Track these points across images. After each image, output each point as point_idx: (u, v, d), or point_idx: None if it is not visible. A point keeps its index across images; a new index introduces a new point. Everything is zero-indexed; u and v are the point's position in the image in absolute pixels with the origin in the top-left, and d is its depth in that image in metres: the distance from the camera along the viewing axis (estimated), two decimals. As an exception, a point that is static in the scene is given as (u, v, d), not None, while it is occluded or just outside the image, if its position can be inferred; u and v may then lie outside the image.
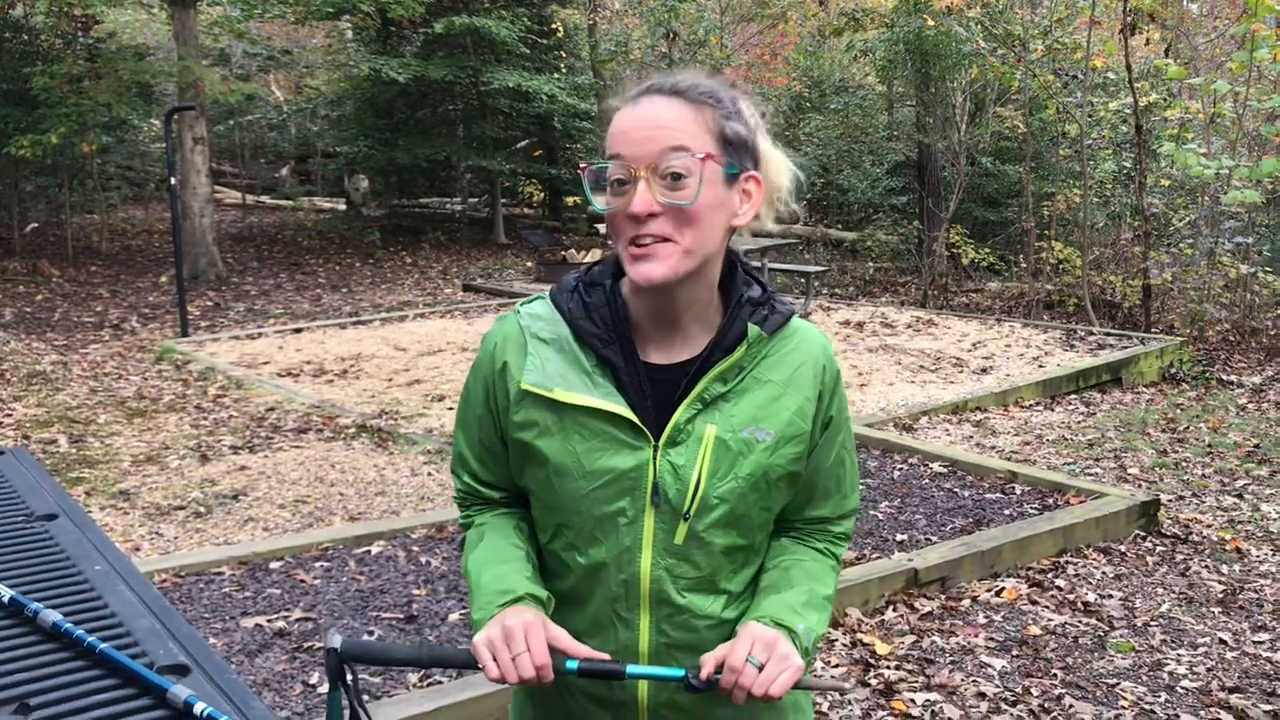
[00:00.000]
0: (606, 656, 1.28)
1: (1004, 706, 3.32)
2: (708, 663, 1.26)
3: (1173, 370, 8.38)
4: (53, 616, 1.24)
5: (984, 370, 8.07)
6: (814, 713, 3.26)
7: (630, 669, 1.27)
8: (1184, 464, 6.04)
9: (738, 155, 1.27)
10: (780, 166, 1.35)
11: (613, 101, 1.31)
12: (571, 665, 1.26)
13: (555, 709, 1.43)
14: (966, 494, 5.28)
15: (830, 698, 3.35)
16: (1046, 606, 4.06)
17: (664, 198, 1.21)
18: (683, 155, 1.21)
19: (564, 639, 1.27)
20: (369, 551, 4.43)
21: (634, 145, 1.22)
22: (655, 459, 1.28)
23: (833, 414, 1.37)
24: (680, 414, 1.28)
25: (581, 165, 1.28)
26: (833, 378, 1.37)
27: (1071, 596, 4.15)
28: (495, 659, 1.24)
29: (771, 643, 1.24)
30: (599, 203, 1.25)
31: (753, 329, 1.30)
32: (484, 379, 1.38)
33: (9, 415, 6.86)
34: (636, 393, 1.29)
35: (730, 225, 1.28)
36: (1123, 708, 3.33)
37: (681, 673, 1.26)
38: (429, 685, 3.31)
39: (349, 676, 1.33)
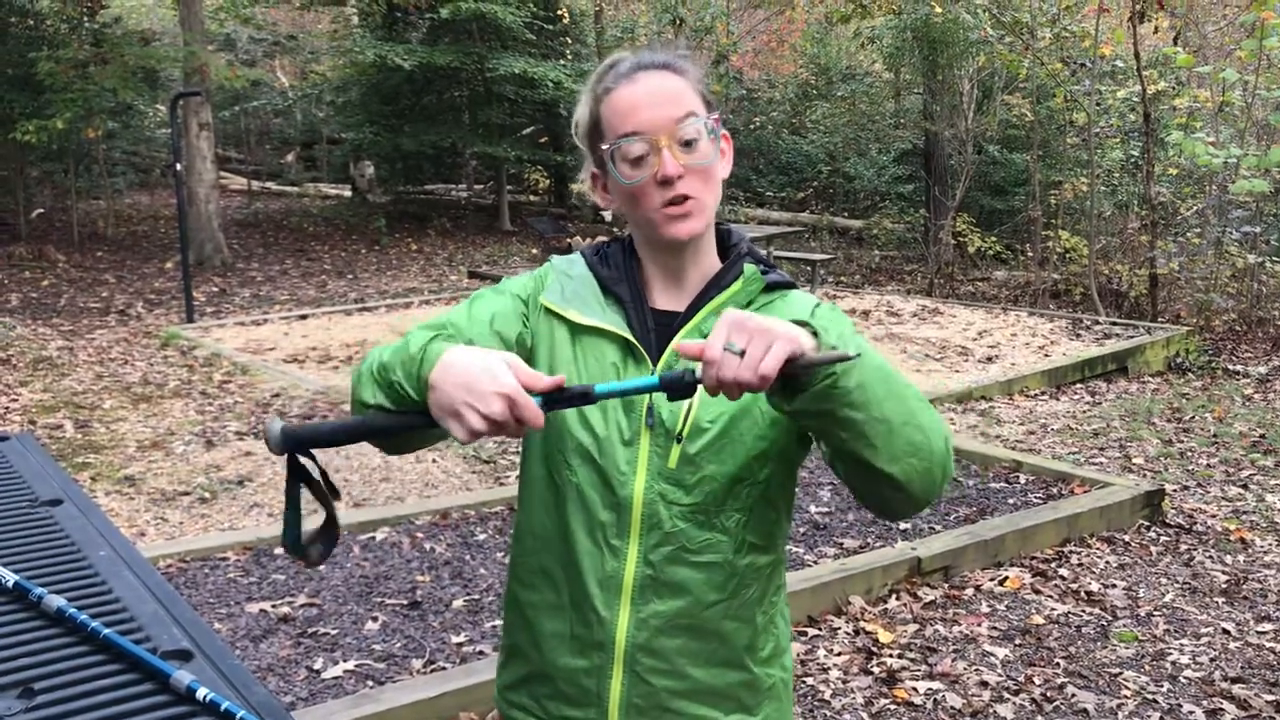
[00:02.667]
0: (562, 378, 1.17)
1: (1006, 695, 3.33)
2: (684, 360, 1.18)
3: (1179, 360, 8.36)
4: (57, 602, 1.25)
5: (989, 359, 8.05)
6: (816, 700, 3.27)
7: (599, 388, 1.16)
8: (1189, 454, 6.03)
9: (714, 114, 1.37)
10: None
11: (604, 85, 1.36)
12: (536, 400, 1.14)
13: (535, 661, 1.41)
14: (971, 483, 5.28)
15: (834, 684, 3.36)
16: (1050, 596, 4.06)
17: (685, 160, 1.30)
18: (696, 120, 1.31)
19: (522, 371, 1.16)
20: (373, 538, 4.44)
21: (648, 118, 1.30)
22: None
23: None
24: (677, 341, 1.34)
25: (604, 146, 1.34)
26: (826, 317, 1.34)
27: (1075, 586, 4.15)
28: (461, 412, 1.14)
29: (744, 320, 1.08)
30: (627, 178, 1.32)
31: (748, 267, 1.38)
32: (531, 279, 1.45)
33: (15, 400, 6.88)
34: (640, 326, 1.36)
35: (719, 191, 1.39)
36: (1125, 697, 3.33)
37: (655, 380, 1.14)
38: (433, 671, 3.32)
39: (305, 465, 1.24)
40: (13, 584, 1.29)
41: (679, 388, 1.14)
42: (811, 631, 3.70)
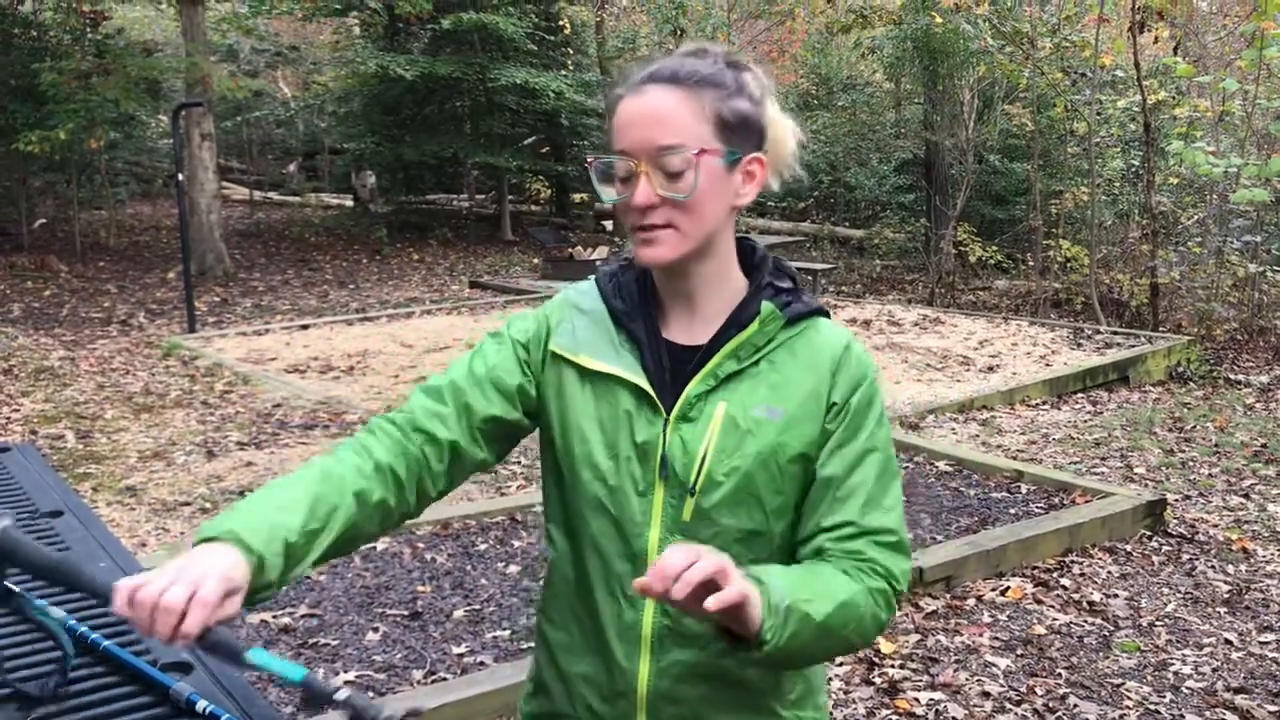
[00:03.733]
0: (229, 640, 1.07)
1: (1008, 706, 3.32)
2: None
3: (1180, 369, 8.36)
4: (57, 613, 1.25)
5: (990, 369, 8.05)
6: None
7: (251, 655, 1.06)
8: (1190, 463, 6.02)
9: (740, 137, 1.28)
10: (786, 132, 1.35)
11: (618, 89, 1.32)
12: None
13: (559, 699, 1.41)
14: (972, 493, 5.27)
15: (835, 695, 3.35)
16: (1051, 606, 4.06)
17: (663, 190, 1.25)
18: (679, 152, 1.24)
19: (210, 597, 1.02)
20: (374, 548, 4.44)
21: (634, 140, 1.26)
22: (666, 432, 1.29)
23: (850, 402, 1.30)
24: (692, 388, 1.29)
25: (589, 159, 1.32)
26: (854, 370, 1.32)
27: (1077, 596, 4.14)
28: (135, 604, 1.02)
29: (696, 550, 1.08)
30: (608, 194, 1.30)
31: (766, 305, 1.31)
32: (535, 321, 1.40)
33: (17, 411, 6.88)
34: (656, 367, 1.32)
35: (733, 205, 1.31)
36: (1127, 708, 3.32)
37: (300, 675, 1.07)
38: (434, 682, 3.32)
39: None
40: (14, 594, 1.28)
41: (313, 698, 1.06)
42: (813, 642, 3.69)
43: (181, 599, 0.99)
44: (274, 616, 3.77)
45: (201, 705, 1.12)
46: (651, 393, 1.30)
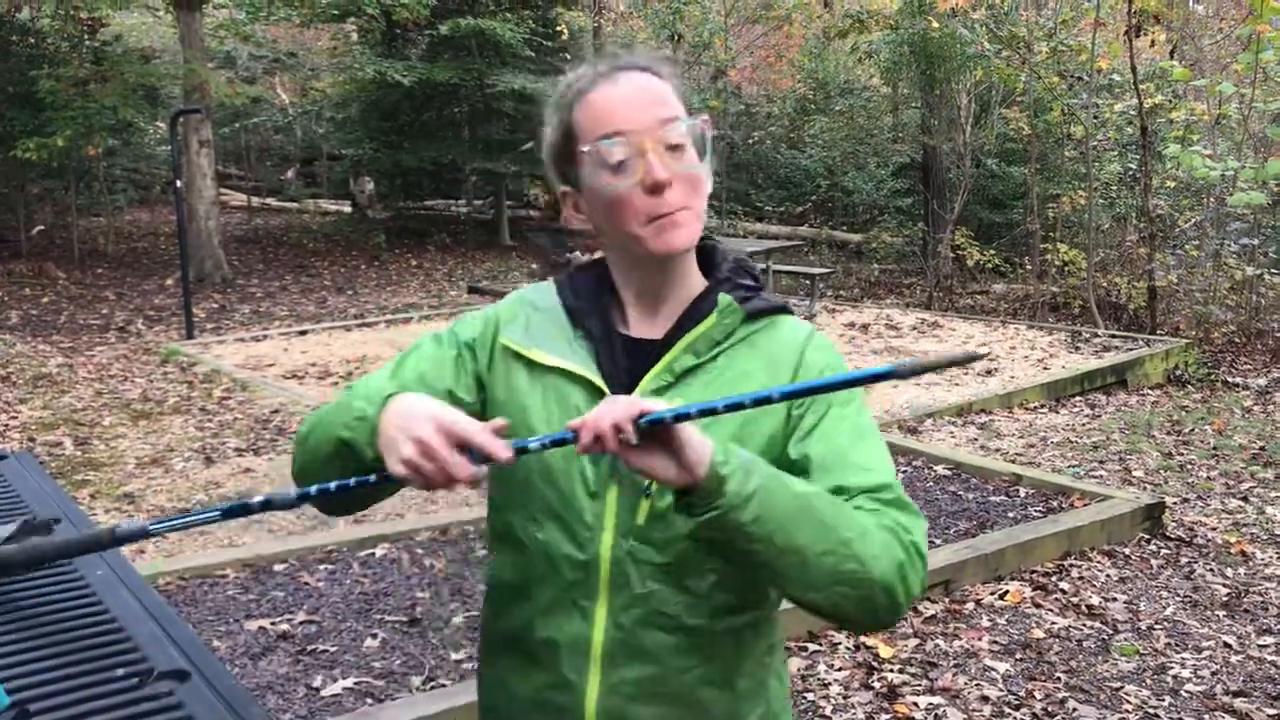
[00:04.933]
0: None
1: (1007, 710, 3.32)
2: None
3: (1178, 372, 8.36)
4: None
5: (989, 372, 8.06)
6: (817, 716, 3.26)
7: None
8: (1189, 466, 6.02)
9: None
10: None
11: (573, 89, 1.25)
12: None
13: (504, 714, 1.34)
14: (970, 496, 5.27)
15: (834, 700, 3.35)
16: (1050, 610, 4.06)
17: (673, 166, 1.19)
18: (682, 124, 1.21)
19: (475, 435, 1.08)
20: (373, 554, 4.44)
21: (633, 119, 1.19)
22: None
23: (803, 409, 1.24)
24: (645, 384, 1.23)
25: (583, 149, 1.21)
26: (819, 360, 1.27)
27: (1075, 599, 4.14)
28: (396, 440, 1.10)
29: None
30: (611, 184, 1.20)
31: (723, 298, 1.25)
32: (481, 320, 1.34)
33: (15, 418, 6.88)
34: (611, 365, 1.25)
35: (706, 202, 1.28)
36: (1126, 711, 3.32)
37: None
38: (432, 688, 3.31)
39: None
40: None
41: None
42: (812, 647, 3.69)
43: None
44: (272, 623, 3.77)
45: None
46: (605, 389, 1.22)
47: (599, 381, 1.24)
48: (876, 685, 3.45)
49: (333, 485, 1.16)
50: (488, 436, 1.07)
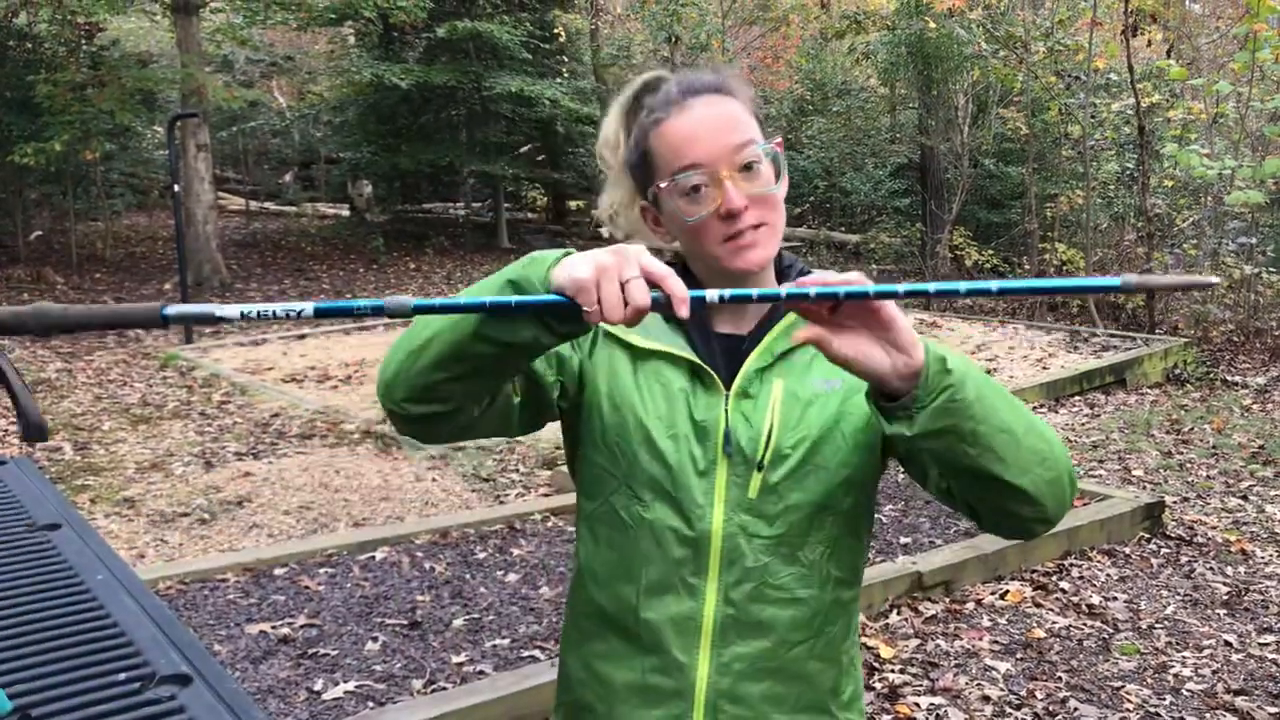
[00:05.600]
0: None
1: (1008, 710, 3.32)
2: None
3: (1177, 371, 8.36)
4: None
5: (988, 372, 8.04)
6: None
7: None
8: (1188, 465, 6.02)
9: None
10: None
11: (650, 115, 1.27)
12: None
13: (602, 716, 1.32)
14: (970, 497, 5.27)
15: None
16: (1051, 609, 4.06)
17: (748, 189, 1.22)
18: (756, 147, 1.23)
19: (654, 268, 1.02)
20: (373, 557, 4.43)
21: (707, 150, 1.22)
22: (727, 409, 1.25)
23: None
24: (750, 364, 1.26)
25: (660, 186, 1.25)
26: None
27: (1076, 599, 4.14)
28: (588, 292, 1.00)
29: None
30: (692, 214, 1.22)
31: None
32: None
33: (14, 423, 6.87)
34: (705, 349, 1.28)
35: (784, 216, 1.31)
36: (1127, 710, 3.32)
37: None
38: (433, 691, 3.31)
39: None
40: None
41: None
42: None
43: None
44: (273, 627, 3.77)
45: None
46: (705, 366, 1.26)
47: (700, 361, 1.26)
48: (878, 685, 3.44)
49: (487, 301, 1.04)
50: (677, 281, 1.00)
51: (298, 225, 19.99)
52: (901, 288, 0.99)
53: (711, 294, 1.02)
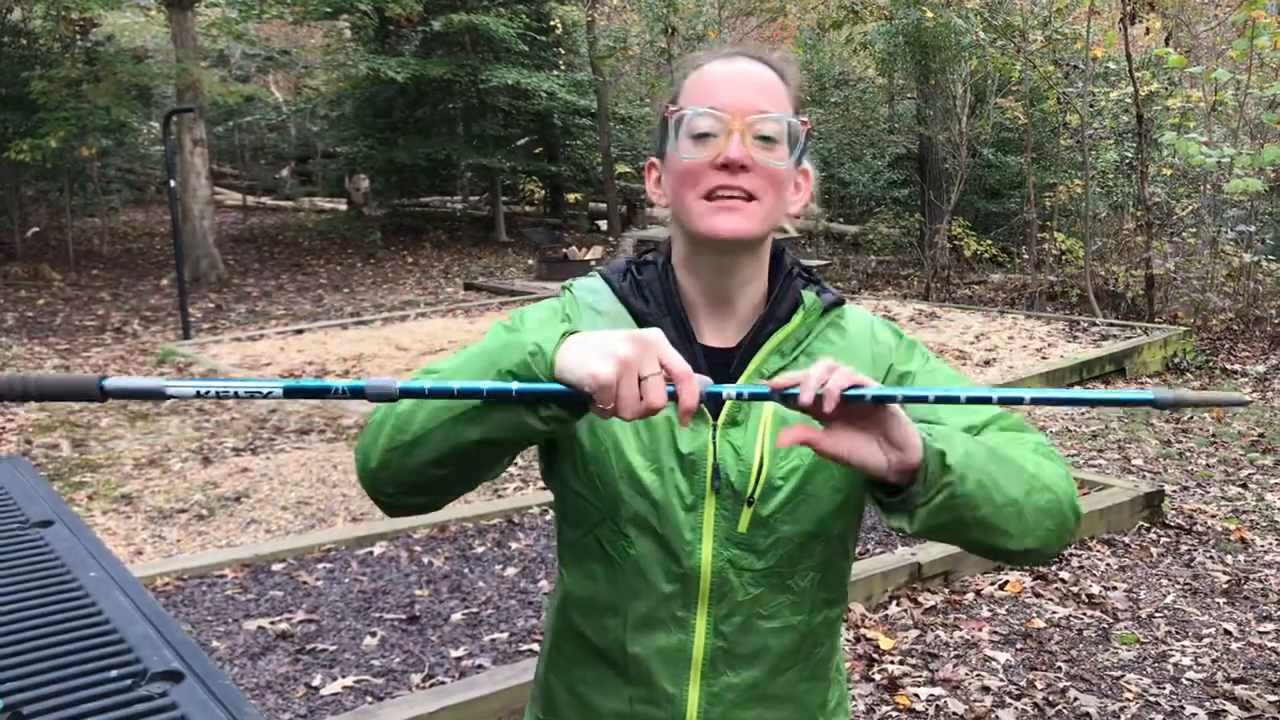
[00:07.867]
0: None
1: (1008, 700, 3.31)
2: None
3: (1176, 360, 8.36)
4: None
5: (987, 363, 8.05)
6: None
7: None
8: (1188, 454, 6.02)
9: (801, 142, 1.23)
10: (812, 174, 1.31)
11: (697, 56, 1.24)
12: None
13: None
14: (970, 487, 5.27)
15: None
16: (1050, 599, 4.05)
17: (758, 155, 1.16)
18: (781, 117, 1.18)
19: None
20: (371, 552, 4.43)
21: (730, 98, 1.16)
22: (715, 440, 1.19)
23: (891, 365, 1.27)
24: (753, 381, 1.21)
25: (669, 109, 1.19)
26: (887, 340, 1.29)
27: (1075, 589, 4.14)
28: (609, 388, 0.95)
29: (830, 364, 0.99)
30: (688, 151, 1.17)
31: (808, 296, 1.25)
32: (542, 319, 1.25)
33: (11, 420, 6.86)
34: (692, 367, 1.20)
35: (784, 209, 1.24)
36: (1127, 700, 3.32)
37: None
38: (432, 686, 3.31)
39: None
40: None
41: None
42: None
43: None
44: (271, 623, 3.76)
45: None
46: None
47: None
48: (877, 677, 3.44)
49: (514, 388, 0.98)
50: (691, 381, 0.96)
51: (295, 220, 19.97)
52: (900, 392, 0.97)
53: (728, 390, 0.99)
